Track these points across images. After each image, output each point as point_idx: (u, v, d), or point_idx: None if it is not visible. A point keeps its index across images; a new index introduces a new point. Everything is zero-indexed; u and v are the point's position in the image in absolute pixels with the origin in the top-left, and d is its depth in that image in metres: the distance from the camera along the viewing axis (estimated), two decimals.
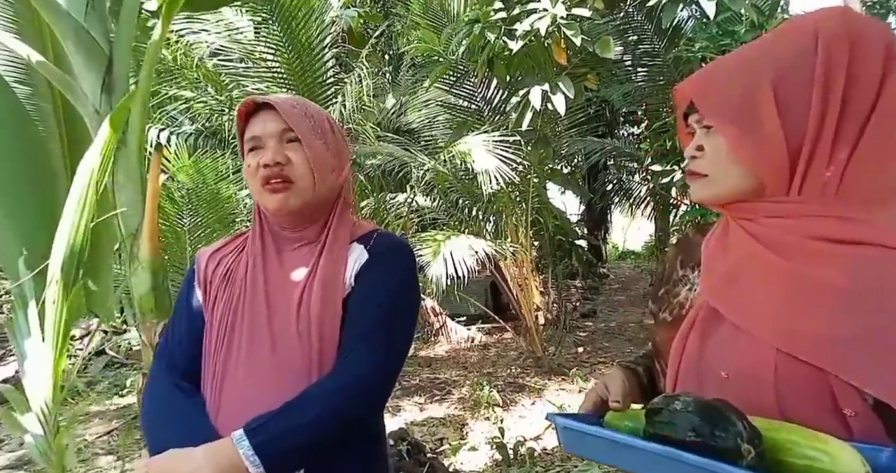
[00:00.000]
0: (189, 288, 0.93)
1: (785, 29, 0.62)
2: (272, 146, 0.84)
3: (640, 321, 6.32)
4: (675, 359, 0.64)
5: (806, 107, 0.56)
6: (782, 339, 0.53)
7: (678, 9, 3.33)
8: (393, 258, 0.89)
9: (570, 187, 6.92)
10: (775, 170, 0.58)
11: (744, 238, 0.62)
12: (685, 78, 2.79)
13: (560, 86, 3.36)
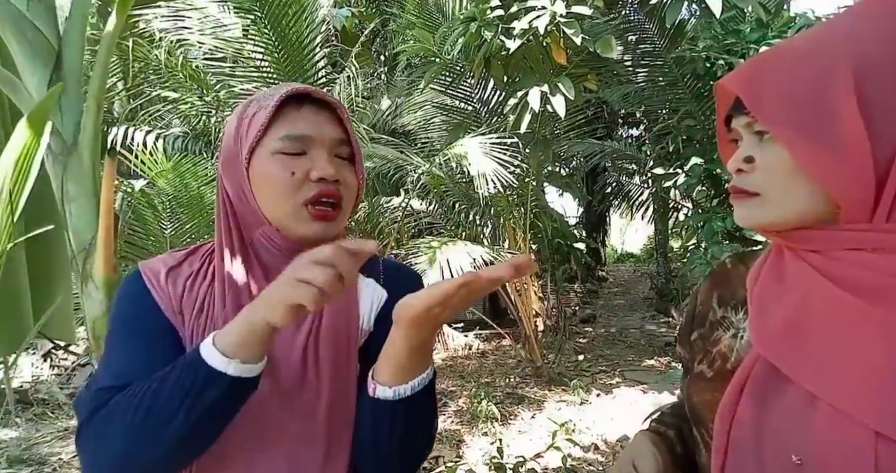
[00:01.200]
0: (139, 305, 0.67)
1: (862, 8, 0.48)
2: (324, 155, 0.65)
3: (640, 326, 6.20)
4: (722, 432, 0.50)
5: (893, 111, 0.42)
6: (888, 420, 0.39)
7: (682, 6, 3.19)
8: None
9: (569, 189, 6.79)
10: (857, 189, 0.44)
11: (810, 275, 0.47)
12: (687, 79, 2.66)
13: (560, 88, 3.22)
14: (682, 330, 0.65)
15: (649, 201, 6.45)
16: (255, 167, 0.66)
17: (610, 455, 2.97)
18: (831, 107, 0.44)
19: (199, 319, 0.68)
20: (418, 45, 3.85)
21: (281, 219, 0.66)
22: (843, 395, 0.42)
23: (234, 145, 0.68)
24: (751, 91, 0.49)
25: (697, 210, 4.49)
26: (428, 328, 0.55)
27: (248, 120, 0.66)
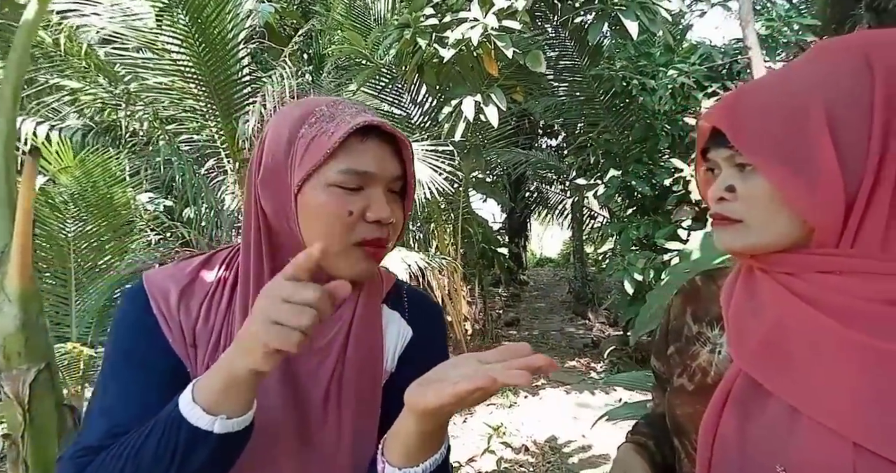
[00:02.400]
0: (143, 339, 0.61)
1: (826, 50, 0.54)
2: (381, 195, 0.61)
3: (560, 328, 6.48)
4: (706, 444, 0.54)
5: (864, 143, 0.48)
6: (864, 432, 0.44)
7: (603, 26, 3.41)
8: (441, 334, 0.73)
9: (494, 196, 6.97)
10: (830, 216, 0.49)
11: (784, 296, 0.53)
12: (604, 95, 2.86)
13: (492, 98, 3.31)
14: (657, 344, 0.69)
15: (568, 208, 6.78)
16: (308, 196, 0.59)
17: (539, 456, 3.08)
18: (808, 142, 0.49)
19: (216, 355, 0.61)
20: (349, 47, 3.79)
21: (326, 256, 0.59)
22: (823, 409, 0.47)
23: (282, 166, 0.60)
24: (733, 127, 0.53)
25: (614, 219, 4.79)
26: (442, 417, 0.52)
27: (304, 141, 0.59)
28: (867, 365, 0.46)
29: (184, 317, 0.62)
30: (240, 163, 3.68)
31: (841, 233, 0.50)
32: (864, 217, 0.49)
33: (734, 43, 4.20)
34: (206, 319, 0.63)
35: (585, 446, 3.15)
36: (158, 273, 0.66)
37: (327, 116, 0.60)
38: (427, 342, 0.69)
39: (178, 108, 3.66)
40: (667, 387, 0.65)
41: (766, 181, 0.51)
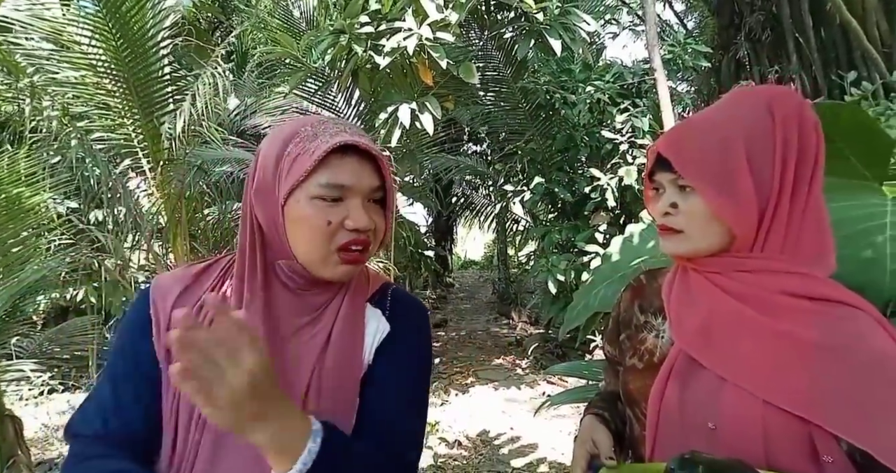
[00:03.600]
0: (137, 337, 0.69)
1: (739, 99, 0.69)
2: (359, 205, 0.68)
3: (486, 328, 6.72)
4: (654, 408, 0.67)
5: (769, 173, 0.64)
6: (770, 392, 0.59)
7: (531, 42, 3.63)
8: (417, 329, 0.78)
9: (421, 200, 7.08)
10: (747, 227, 0.64)
11: (713, 291, 0.67)
12: (530, 105, 3.19)
13: (427, 106, 3.41)
14: (609, 333, 0.82)
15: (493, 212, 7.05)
16: (292, 207, 0.67)
17: (472, 449, 3.22)
18: (732, 170, 0.64)
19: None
20: (281, 49, 3.73)
21: (310, 260, 0.68)
22: (741, 376, 0.62)
23: (271, 180, 0.68)
24: (678, 157, 0.67)
25: (537, 223, 5.07)
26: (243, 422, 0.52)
27: (290, 159, 0.67)
28: (769, 342, 0.61)
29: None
30: (163, 163, 3.49)
31: (754, 241, 0.65)
32: (770, 228, 0.64)
33: (642, 64, 4.63)
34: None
35: (514, 437, 3.34)
36: (168, 275, 0.72)
37: (311, 136, 0.68)
38: (402, 336, 0.74)
39: (89, 105, 3.40)
40: (618, 369, 0.79)
41: (702, 200, 0.65)
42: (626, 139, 4.06)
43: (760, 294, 0.64)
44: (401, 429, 0.69)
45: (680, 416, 0.65)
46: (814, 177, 0.65)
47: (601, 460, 0.69)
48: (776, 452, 0.58)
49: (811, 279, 0.63)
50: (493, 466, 2.97)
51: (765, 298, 0.63)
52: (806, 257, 0.65)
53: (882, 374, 0.57)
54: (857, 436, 0.55)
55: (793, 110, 0.65)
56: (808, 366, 0.58)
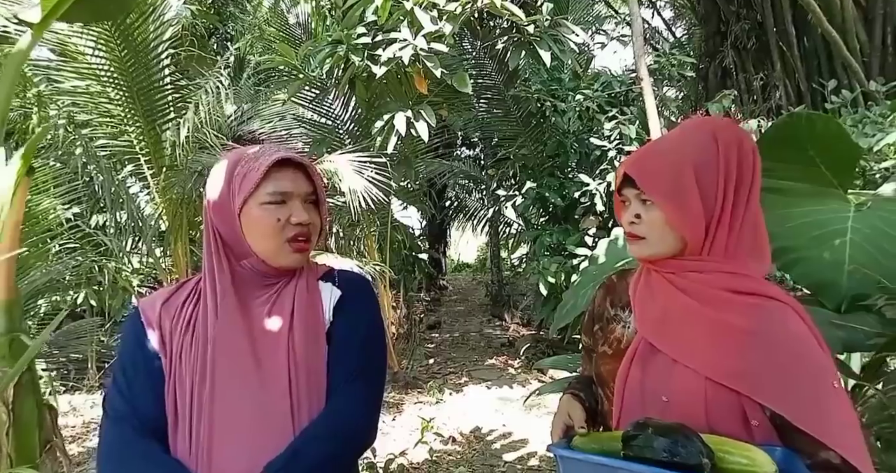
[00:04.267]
0: (136, 342, 0.85)
1: (690, 129, 0.83)
2: (299, 205, 0.86)
3: (479, 330, 6.84)
4: (619, 387, 0.80)
5: (714, 191, 0.77)
6: (711, 370, 0.72)
7: (521, 54, 3.77)
8: (365, 296, 0.94)
9: (415, 204, 7.20)
10: (696, 235, 0.77)
11: (669, 288, 0.80)
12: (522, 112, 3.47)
13: (423, 114, 3.54)
14: (585, 324, 0.95)
15: (486, 216, 7.18)
16: (247, 214, 0.84)
17: (466, 445, 3.34)
18: (683, 187, 0.77)
19: (186, 335, 0.84)
20: (281, 58, 3.85)
21: (267, 253, 0.86)
22: (689, 358, 0.74)
23: (226, 195, 0.85)
24: (641, 177, 0.80)
25: (529, 227, 5.21)
26: None
27: (239, 177, 0.85)
28: (711, 329, 0.74)
29: (164, 318, 0.86)
30: (165, 169, 3.60)
31: (702, 247, 0.78)
32: (715, 236, 0.77)
33: (629, 74, 4.79)
34: (179, 314, 0.86)
35: (506, 433, 3.46)
36: (147, 297, 0.91)
37: (253, 158, 0.87)
38: (353, 297, 0.92)
39: (94, 113, 3.51)
40: (593, 355, 0.91)
41: (661, 213, 0.78)
42: (613, 146, 4.21)
43: (706, 290, 0.77)
44: (353, 393, 0.86)
45: (640, 392, 0.78)
46: (751, 194, 0.78)
47: (575, 429, 0.81)
48: (715, 419, 0.71)
49: (746, 278, 0.76)
50: (486, 460, 3.10)
51: (709, 293, 0.76)
52: (743, 260, 0.78)
53: (796, 355, 0.70)
54: (775, 404, 0.68)
55: (734, 139, 0.78)
56: (740, 349, 0.71)
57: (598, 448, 0.76)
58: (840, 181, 1.73)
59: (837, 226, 1.68)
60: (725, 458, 0.65)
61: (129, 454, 0.79)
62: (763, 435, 0.70)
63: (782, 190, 1.73)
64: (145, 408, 0.81)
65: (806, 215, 1.75)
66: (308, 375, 0.83)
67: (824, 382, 0.69)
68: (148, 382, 0.83)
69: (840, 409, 0.68)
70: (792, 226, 1.72)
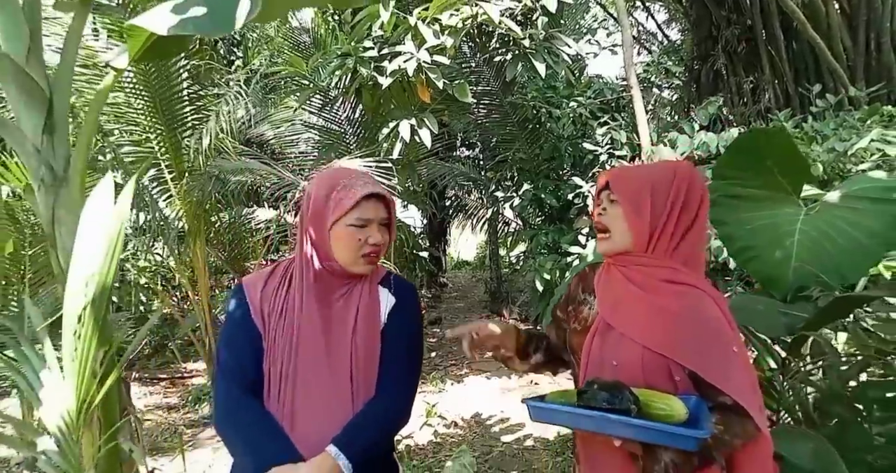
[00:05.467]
0: (243, 316, 1.09)
1: (661, 164, 1.09)
2: (376, 229, 1.09)
3: None
4: (584, 355, 1.06)
5: (662, 208, 1.02)
6: (647, 341, 0.98)
7: (518, 66, 4.02)
8: (412, 303, 1.19)
9: (418, 204, 7.45)
10: (643, 236, 1.03)
11: (622, 279, 1.06)
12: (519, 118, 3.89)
13: (426, 122, 3.80)
14: (561, 305, 1.21)
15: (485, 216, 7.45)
16: (336, 231, 1.09)
17: (467, 429, 3.61)
18: (640, 196, 1.03)
19: (280, 320, 1.08)
20: (292, 68, 4.10)
21: (346, 262, 1.10)
22: (633, 332, 1.01)
23: (323, 212, 1.09)
24: (615, 181, 1.06)
25: (527, 226, 5.47)
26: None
27: (334, 200, 1.08)
28: (650, 311, 1.00)
29: (263, 301, 1.10)
30: (186, 174, 3.85)
31: (647, 247, 1.04)
32: (658, 241, 1.03)
33: (620, 82, 5.04)
34: (275, 300, 1.10)
35: (504, 419, 3.74)
36: (249, 277, 1.15)
37: (348, 186, 1.10)
38: (404, 305, 1.17)
39: (120, 122, 3.76)
40: (564, 327, 1.18)
41: (621, 209, 1.04)
42: (605, 150, 4.47)
43: (648, 280, 1.03)
44: (402, 381, 1.13)
45: (599, 359, 1.04)
46: (695, 222, 1.04)
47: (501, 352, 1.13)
48: (650, 377, 0.97)
49: (679, 272, 1.03)
50: (486, 442, 3.37)
51: (650, 283, 1.03)
52: (679, 261, 1.04)
53: (708, 330, 0.96)
54: (691, 364, 0.94)
55: (686, 177, 1.05)
56: (668, 326, 0.97)
57: (563, 401, 1.01)
58: (794, 187, 1.98)
59: (789, 228, 1.94)
60: (651, 404, 0.91)
61: (240, 404, 1.03)
62: (684, 387, 0.96)
63: (744, 196, 1.99)
64: (249, 369, 1.05)
65: (763, 218, 2.01)
66: (366, 366, 1.08)
67: (727, 349, 0.95)
68: (250, 348, 1.06)
69: (737, 368, 0.94)
70: (751, 228, 1.98)
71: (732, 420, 0.91)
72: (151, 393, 4.67)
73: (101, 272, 1.12)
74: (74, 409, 1.18)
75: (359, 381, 1.07)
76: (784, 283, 1.85)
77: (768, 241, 1.96)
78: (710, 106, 4.45)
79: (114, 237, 1.15)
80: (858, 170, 3.59)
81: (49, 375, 1.14)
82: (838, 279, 1.74)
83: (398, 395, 1.11)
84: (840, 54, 6.29)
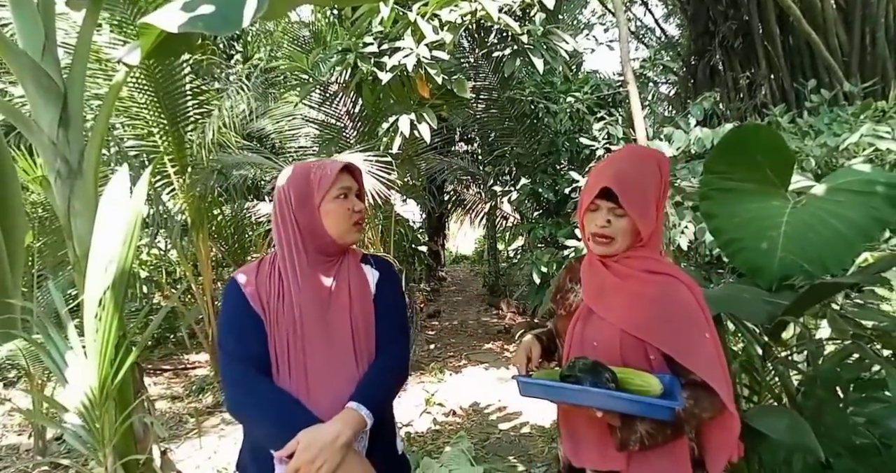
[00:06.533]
0: (243, 304, 1.15)
1: (645, 157, 1.14)
2: (355, 198, 1.20)
3: (477, 318, 7.19)
4: (569, 337, 1.14)
5: (656, 203, 1.09)
6: (624, 324, 1.06)
7: (516, 62, 4.08)
8: (393, 273, 1.29)
9: (417, 198, 7.52)
10: (647, 236, 1.10)
11: (604, 270, 1.14)
12: (517, 113, 3.96)
13: (425, 117, 3.86)
14: (553, 293, 1.29)
15: (483, 210, 7.52)
16: (325, 207, 1.16)
17: (465, 417, 3.70)
18: (648, 204, 1.09)
19: (279, 303, 1.15)
20: (293, 64, 4.15)
21: (339, 233, 1.18)
22: (612, 317, 1.08)
23: (308, 194, 1.16)
24: (624, 197, 1.10)
25: (524, 220, 5.54)
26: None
27: (315, 180, 1.16)
28: (628, 297, 1.07)
29: (260, 287, 1.17)
30: (189, 168, 3.92)
31: (647, 242, 1.11)
32: (654, 233, 1.10)
33: (617, 77, 5.09)
34: (270, 286, 1.17)
35: (502, 407, 3.83)
36: (240, 270, 1.21)
37: (321, 166, 1.20)
38: (387, 277, 1.27)
39: (124, 116, 3.82)
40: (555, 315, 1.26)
41: (630, 221, 1.09)
42: (602, 145, 4.53)
43: (629, 271, 1.10)
44: (399, 341, 1.22)
45: (580, 340, 1.12)
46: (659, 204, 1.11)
47: (532, 363, 1.15)
48: (627, 357, 1.05)
49: (656, 261, 1.10)
50: (484, 429, 3.46)
51: (631, 273, 1.10)
52: (656, 246, 1.11)
53: (681, 315, 1.04)
54: (664, 346, 1.02)
55: (666, 168, 1.11)
56: (645, 310, 1.05)
57: (549, 378, 1.09)
58: (781, 181, 2.05)
59: (775, 220, 2.01)
60: (628, 381, 0.99)
61: (254, 384, 1.08)
62: (659, 366, 1.04)
63: (733, 190, 2.06)
64: (256, 352, 1.11)
65: (750, 211, 2.07)
66: (366, 333, 1.17)
67: (699, 333, 1.02)
68: (255, 333, 1.12)
69: (707, 350, 1.01)
70: (739, 220, 2.05)
71: (701, 396, 0.99)
72: (156, 383, 4.75)
73: (119, 258, 1.18)
74: (98, 387, 1.25)
75: (361, 348, 1.16)
76: (769, 273, 1.92)
77: (755, 233, 2.02)
78: (706, 101, 4.51)
79: (132, 225, 1.21)
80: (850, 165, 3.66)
81: (73, 356, 1.22)
82: (821, 269, 1.81)
83: (397, 353, 1.20)
84: (835, 49, 6.34)
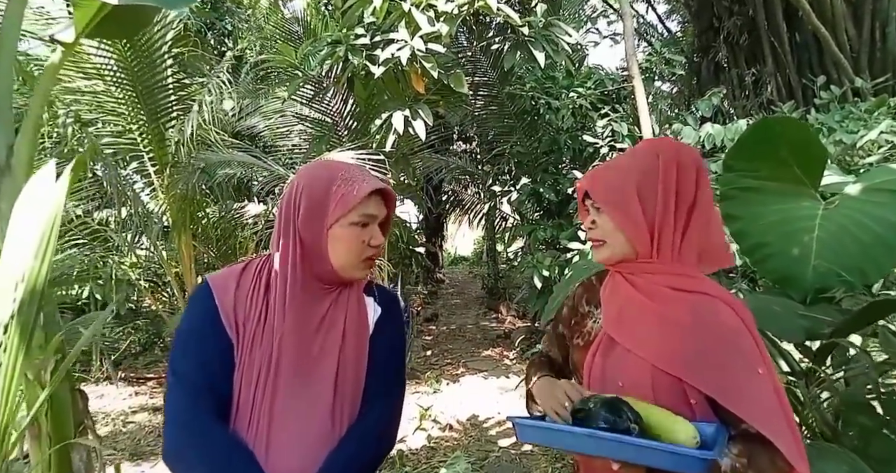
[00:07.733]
0: (211, 322, 0.91)
1: (638, 150, 0.95)
2: (377, 229, 0.96)
3: (475, 322, 6.98)
4: (586, 374, 0.92)
5: (654, 200, 0.89)
6: (656, 359, 0.84)
7: (516, 55, 3.87)
8: (398, 314, 1.06)
9: (414, 198, 7.31)
10: (643, 238, 0.89)
11: (627, 287, 0.92)
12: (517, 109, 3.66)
13: (420, 113, 3.65)
14: (565, 316, 1.07)
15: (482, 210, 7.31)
16: (336, 231, 0.92)
17: (462, 432, 3.48)
18: (626, 196, 0.89)
19: (258, 326, 0.92)
20: (282, 58, 3.94)
21: (344, 266, 0.94)
22: (640, 349, 0.86)
23: (321, 209, 0.92)
24: (592, 189, 0.93)
25: (524, 222, 5.33)
26: None
27: (336, 196, 0.92)
28: (658, 323, 0.86)
29: (237, 305, 0.93)
30: (170, 166, 3.70)
31: (651, 249, 0.90)
32: (660, 242, 0.89)
33: (622, 72, 4.89)
34: (250, 305, 0.93)
35: (502, 421, 3.61)
36: (218, 275, 0.97)
37: (348, 180, 0.94)
38: (389, 315, 1.03)
39: (100, 112, 3.60)
40: (563, 341, 1.05)
41: (609, 217, 0.91)
42: (606, 143, 4.32)
43: (655, 288, 0.89)
44: (389, 401, 0.99)
45: (601, 378, 0.90)
46: (695, 202, 0.90)
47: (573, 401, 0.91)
48: (662, 399, 0.83)
49: (689, 278, 0.89)
50: (483, 446, 3.24)
51: (657, 291, 0.89)
52: (687, 262, 0.90)
53: (726, 344, 0.82)
54: (707, 388, 0.80)
55: (673, 156, 0.90)
56: (680, 341, 0.83)
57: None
58: (811, 180, 1.84)
59: (806, 223, 1.80)
60: (657, 424, 0.77)
61: (204, 427, 0.85)
62: (702, 411, 0.82)
63: (756, 188, 1.85)
64: (215, 383, 0.88)
65: (777, 213, 1.86)
66: (353, 379, 0.94)
67: (750, 368, 0.81)
68: (219, 359, 0.89)
69: (762, 390, 0.80)
70: (764, 223, 1.84)
71: (757, 452, 0.77)
72: (138, 393, 4.53)
73: (30, 274, 0.97)
74: None
75: (344, 397, 0.93)
76: (803, 283, 1.71)
77: (785, 238, 1.82)
78: (714, 97, 4.31)
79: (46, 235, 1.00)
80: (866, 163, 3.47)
81: None
82: (861, 278, 1.61)
83: (387, 414, 0.97)
84: (844, 45, 6.15)
